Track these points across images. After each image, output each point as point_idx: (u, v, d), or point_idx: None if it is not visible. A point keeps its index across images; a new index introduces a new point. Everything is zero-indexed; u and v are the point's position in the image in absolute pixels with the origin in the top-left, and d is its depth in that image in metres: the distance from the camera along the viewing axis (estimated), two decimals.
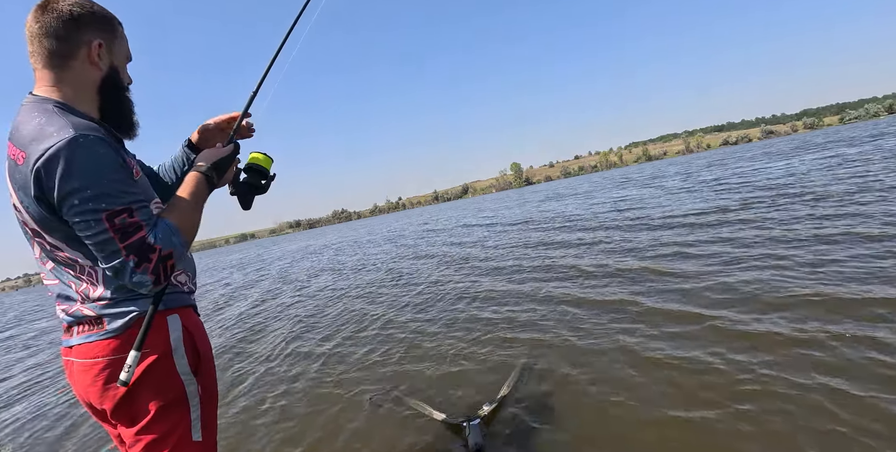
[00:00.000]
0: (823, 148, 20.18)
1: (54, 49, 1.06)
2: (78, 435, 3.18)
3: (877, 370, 2.16)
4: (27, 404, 4.25)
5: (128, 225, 1.00)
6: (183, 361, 1.17)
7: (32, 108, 1.04)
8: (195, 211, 1.19)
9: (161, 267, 1.04)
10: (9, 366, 6.50)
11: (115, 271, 1.01)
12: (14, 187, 1.03)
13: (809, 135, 63.79)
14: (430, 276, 6.96)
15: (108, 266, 1.01)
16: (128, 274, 1.00)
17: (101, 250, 1.00)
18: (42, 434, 3.36)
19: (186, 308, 1.24)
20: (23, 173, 0.98)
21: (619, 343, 3.06)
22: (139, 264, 1.00)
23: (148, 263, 1.01)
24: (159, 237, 1.05)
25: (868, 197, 6.27)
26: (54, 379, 5.03)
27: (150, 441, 1.11)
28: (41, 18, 1.05)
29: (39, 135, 0.97)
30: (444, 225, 19.18)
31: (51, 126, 0.98)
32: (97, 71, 1.12)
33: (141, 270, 1.01)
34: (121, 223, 0.99)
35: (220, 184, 1.33)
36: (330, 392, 3.18)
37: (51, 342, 7.81)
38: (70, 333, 1.15)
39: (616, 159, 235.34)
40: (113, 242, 0.98)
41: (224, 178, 1.32)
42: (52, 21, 1.04)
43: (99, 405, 1.12)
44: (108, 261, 1.00)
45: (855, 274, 3.35)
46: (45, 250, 1.11)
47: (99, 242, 0.99)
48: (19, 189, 1.01)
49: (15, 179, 1.01)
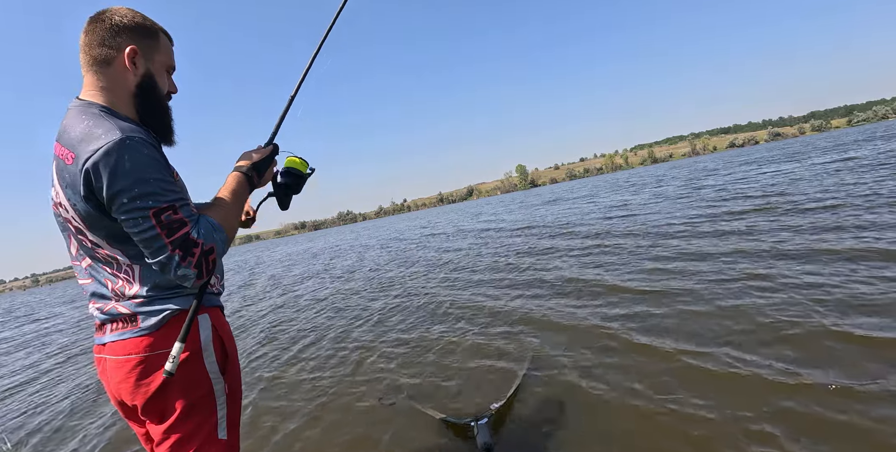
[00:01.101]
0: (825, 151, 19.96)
1: (96, 55, 1.15)
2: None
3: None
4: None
5: (173, 221, 1.05)
6: (212, 360, 1.20)
7: (79, 111, 1.11)
8: (236, 209, 1.25)
9: (203, 261, 1.09)
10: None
11: (162, 266, 1.06)
12: (62, 184, 1.08)
13: (814, 138, 62.74)
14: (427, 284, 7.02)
15: (155, 261, 1.06)
16: (173, 268, 1.05)
17: (148, 245, 1.05)
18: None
19: (215, 309, 1.27)
20: (71, 172, 1.04)
21: (630, 343, 3.05)
22: (184, 257, 1.05)
23: (192, 257, 1.06)
24: (202, 233, 1.10)
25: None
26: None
27: (178, 438, 1.14)
28: (90, 29, 1.15)
29: (87, 136, 1.03)
30: (443, 229, 19.27)
31: (98, 128, 1.04)
32: (132, 75, 1.18)
33: (186, 264, 1.06)
34: (167, 220, 1.04)
35: (260, 184, 1.37)
36: (335, 394, 3.19)
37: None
38: (103, 331, 1.18)
39: (622, 162, 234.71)
40: (160, 238, 1.03)
41: (263, 178, 1.37)
42: (98, 30, 1.14)
43: (131, 401, 1.15)
44: (156, 256, 1.05)
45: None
46: (85, 248, 1.16)
47: (147, 238, 1.04)
48: (67, 187, 1.06)
49: (63, 177, 1.06)
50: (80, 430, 3.35)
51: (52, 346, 7.53)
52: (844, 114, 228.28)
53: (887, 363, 2.24)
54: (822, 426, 1.89)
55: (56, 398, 4.31)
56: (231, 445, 1.23)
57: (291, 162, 1.41)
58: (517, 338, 3.58)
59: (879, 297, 3.00)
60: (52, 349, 7.28)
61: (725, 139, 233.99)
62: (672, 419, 2.12)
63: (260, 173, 1.33)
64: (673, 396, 2.31)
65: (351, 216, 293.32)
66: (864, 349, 2.41)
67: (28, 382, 5.31)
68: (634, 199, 14.76)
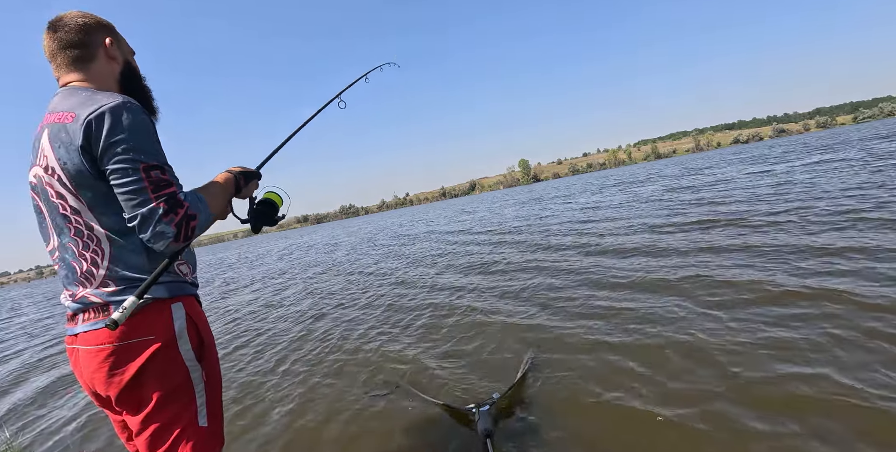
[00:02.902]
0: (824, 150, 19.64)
1: (77, 55, 1.20)
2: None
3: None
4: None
5: (160, 179, 1.08)
6: (187, 347, 1.18)
7: (72, 91, 1.16)
8: (221, 198, 1.30)
9: (185, 224, 1.09)
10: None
11: (143, 220, 1.06)
12: (54, 146, 1.09)
13: (817, 134, 62.04)
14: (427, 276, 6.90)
15: (137, 213, 1.06)
16: (154, 222, 1.05)
17: (132, 197, 1.05)
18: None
19: (189, 297, 1.26)
20: (71, 129, 1.07)
21: (638, 336, 2.99)
22: (167, 213, 1.06)
23: (174, 215, 1.07)
24: (188, 198, 1.13)
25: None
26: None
27: (157, 427, 1.13)
28: (56, 36, 1.20)
29: (89, 101, 1.10)
30: (416, 231, 19.10)
31: (99, 95, 1.12)
32: (116, 64, 1.28)
33: (167, 219, 1.06)
34: (155, 176, 1.07)
35: (241, 195, 1.43)
36: (331, 383, 3.19)
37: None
38: (75, 321, 1.17)
39: (625, 157, 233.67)
40: (146, 191, 1.06)
41: (245, 190, 1.43)
42: (66, 35, 1.19)
43: (104, 392, 1.14)
44: (138, 208, 1.06)
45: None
46: (61, 219, 1.15)
47: (133, 190, 1.05)
48: (61, 146, 1.08)
49: (58, 138, 1.09)
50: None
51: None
52: (850, 111, 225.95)
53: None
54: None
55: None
56: (213, 432, 1.21)
57: (270, 194, 1.53)
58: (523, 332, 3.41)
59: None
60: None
61: (730, 135, 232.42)
62: (687, 419, 2.03)
63: (246, 180, 1.42)
64: (688, 394, 2.22)
65: (353, 210, 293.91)
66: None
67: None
68: (604, 201, 14.51)
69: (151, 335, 1.12)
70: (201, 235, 1.22)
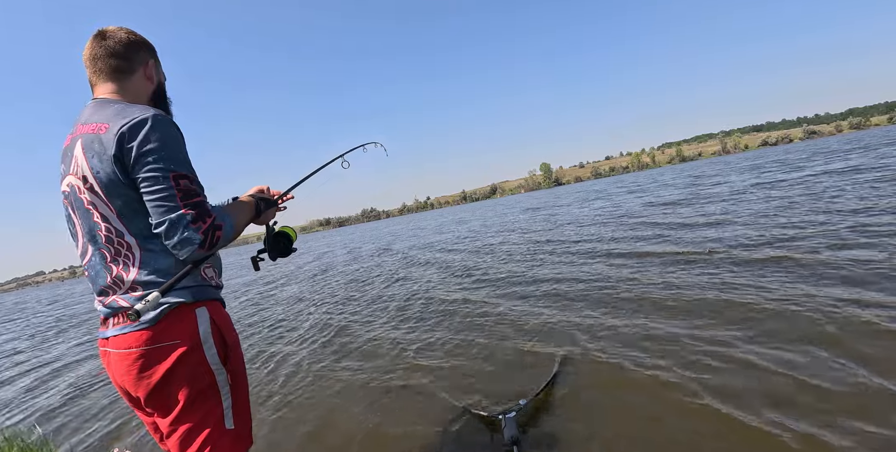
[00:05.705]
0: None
1: (118, 66, 1.27)
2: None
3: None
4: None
5: (189, 188, 1.14)
6: (212, 351, 1.21)
7: (104, 103, 1.22)
8: (244, 217, 1.37)
9: (211, 232, 1.14)
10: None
11: (171, 225, 1.10)
12: (88, 156, 1.14)
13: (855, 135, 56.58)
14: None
15: (165, 219, 1.10)
16: (181, 228, 1.10)
17: (162, 204, 1.10)
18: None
19: (214, 301, 1.28)
20: (105, 139, 1.12)
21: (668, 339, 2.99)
22: (195, 220, 1.12)
23: (202, 223, 1.13)
24: (216, 210, 1.20)
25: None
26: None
27: (186, 429, 1.17)
28: (103, 43, 1.25)
29: (122, 112, 1.15)
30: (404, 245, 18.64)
31: (132, 108, 1.17)
32: (150, 84, 1.35)
33: (195, 226, 1.11)
34: (185, 185, 1.13)
35: (259, 220, 1.47)
36: (363, 386, 3.18)
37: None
38: (106, 325, 1.21)
39: (648, 160, 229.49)
40: (175, 197, 1.11)
41: (263, 216, 1.48)
42: (114, 45, 1.26)
43: (134, 393, 1.19)
44: (167, 214, 1.10)
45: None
46: (93, 226, 1.19)
47: (162, 197, 1.10)
48: (94, 156, 1.13)
49: (91, 148, 1.13)
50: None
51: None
52: (885, 111, 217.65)
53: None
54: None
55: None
56: (239, 434, 1.24)
57: (285, 227, 1.58)
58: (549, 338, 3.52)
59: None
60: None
61: (757, 137, 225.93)
62: (710, 426, 2.03)
63: (266, 206, 1.48)
64: (712, 401, 2.21)
65: (374, 213, 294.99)
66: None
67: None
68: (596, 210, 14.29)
69: (177, 339, 1.16)
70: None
